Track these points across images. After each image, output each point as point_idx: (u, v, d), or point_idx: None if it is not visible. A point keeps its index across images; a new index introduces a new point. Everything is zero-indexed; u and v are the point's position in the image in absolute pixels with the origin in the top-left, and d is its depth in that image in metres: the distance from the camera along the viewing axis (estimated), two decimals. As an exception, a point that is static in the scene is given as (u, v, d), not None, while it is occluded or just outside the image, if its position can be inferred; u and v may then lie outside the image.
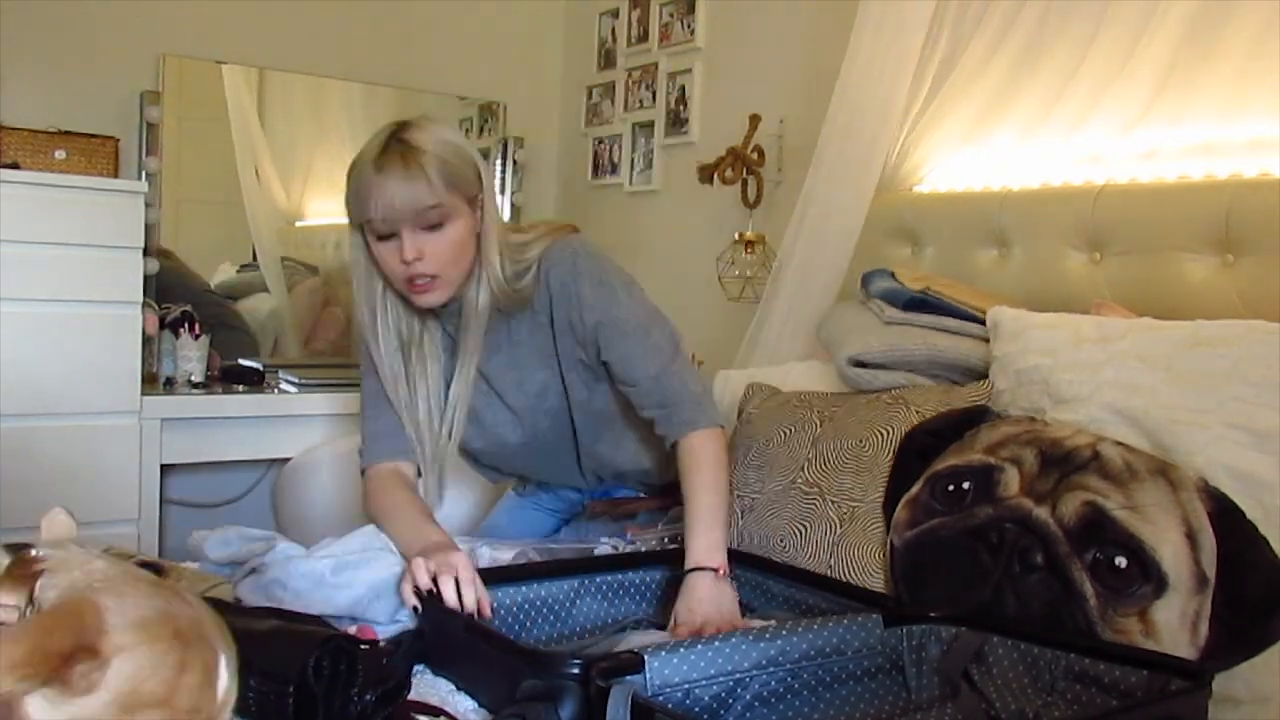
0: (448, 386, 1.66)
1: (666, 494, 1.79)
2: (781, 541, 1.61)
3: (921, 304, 1.78)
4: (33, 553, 0.81)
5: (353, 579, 1.37)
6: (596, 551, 1.58)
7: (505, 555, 1.56)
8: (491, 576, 1.41)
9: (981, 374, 1.68)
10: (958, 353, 1.71)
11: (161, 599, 0.78)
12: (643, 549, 1.61)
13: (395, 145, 1.50)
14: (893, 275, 1.86)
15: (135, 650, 0.73)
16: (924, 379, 1.73)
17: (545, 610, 1.40)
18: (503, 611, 1.37)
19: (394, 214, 1.49)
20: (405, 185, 1.47)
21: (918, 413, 1.61)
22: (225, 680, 0.79)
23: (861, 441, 1.64)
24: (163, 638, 0.75)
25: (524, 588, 1.40)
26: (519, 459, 1.78)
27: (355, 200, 1.52)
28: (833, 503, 1.61)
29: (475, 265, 1.58)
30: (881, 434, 1.62)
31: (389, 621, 1.37)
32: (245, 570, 1.40)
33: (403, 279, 1.53)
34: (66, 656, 0.71)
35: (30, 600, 0.76)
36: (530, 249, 1.62)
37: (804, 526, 1.61)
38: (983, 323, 1.73)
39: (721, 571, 1.45)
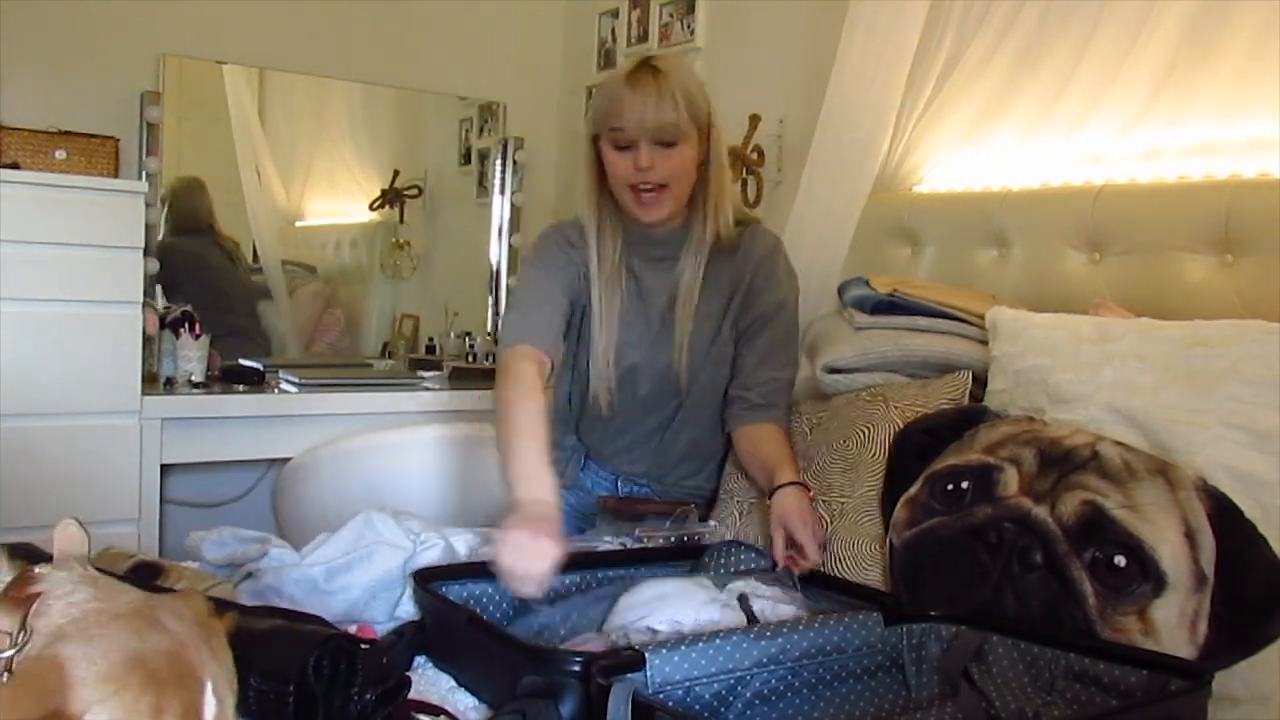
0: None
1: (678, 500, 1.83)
2: (780, 542, 1.62)
3: (889, 306, 1.81)
4: (34, 570, 0.81)
5: (347, 583, 1.37)
6: (600, 549, 1.58)
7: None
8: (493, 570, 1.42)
9: (956, 367, 1.71)
10: (929, 350, 1.74)
11: (135, 637, 0.76)
12: (647, 545, 1.61)
13: (647, 68, 1.71)
14: (866, 282, 1.89)
15: (106, 703, 0.72)
16: (902, 378, 1.75)
17: (547, 604, 1.40)
18: (505, 605, 1.38)
19: (640, 125, 1.67)
20: (655, 101, 1.67)
21: (896, 408, 1.65)
22: (212, 708, 0.77)
23: (845, 440, 1.66)
24: (133, 684, 0.73)
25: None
26: (622, 406, 1.84)
27: (604, 110, 1.72)
28: (823, 501, 1.62)
29: (702, 198, 1.76)
30: (864, 431, 1.65)
31: (388, 620, 1.37)
32: (241, 574, 1.40)
33: (630, 187, 1.71)
34: None
35: (23, 625, 0.75)
36: (746, 214, 1.85)
37: (799, 526, 1.61)
38: (954, 319, 1.76)
39: (811, 494, 1.61)
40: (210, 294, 2.94)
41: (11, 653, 0.74)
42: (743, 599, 1.27)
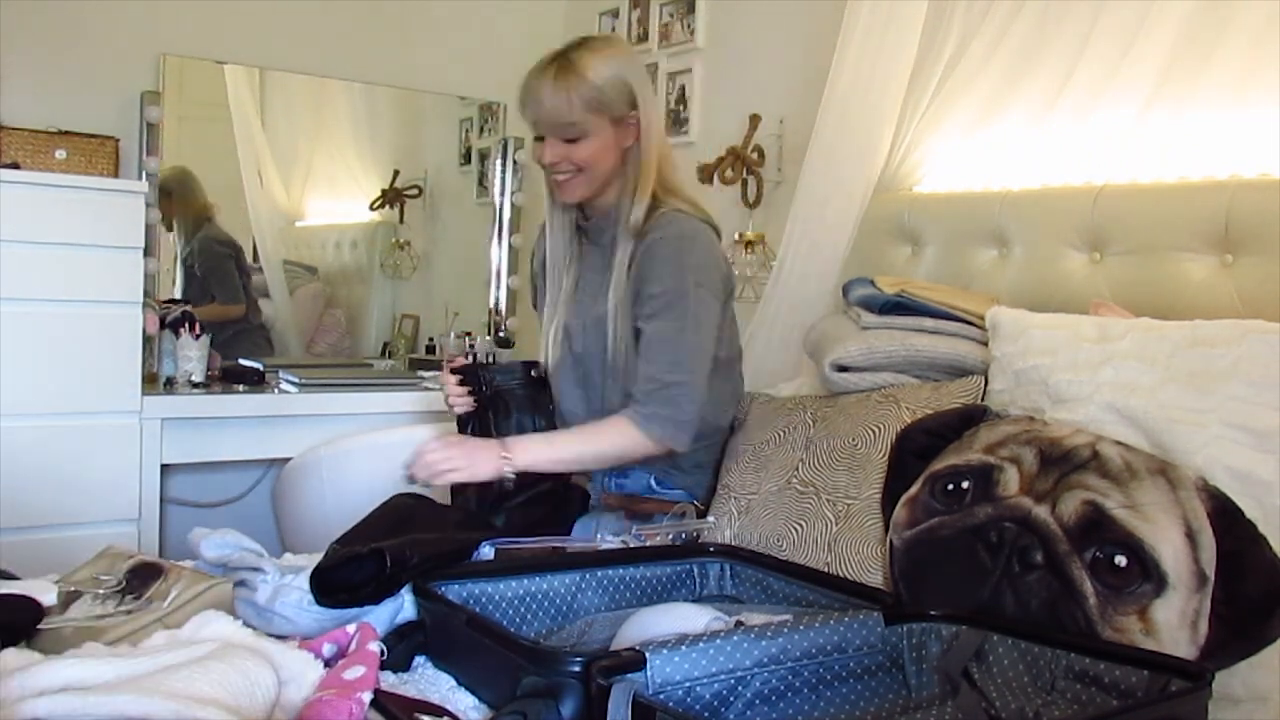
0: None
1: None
2: (779, 541, 1.62)
3: (896, 306, 1.81)
4: None
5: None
6: (600, 547, 1.58)
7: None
8: (493, 569, 1.43)
9: (962, 370, 1.71)
10: (936, 351, 1.75)
11: None
12: (647, 544, 1.62)
13: (557, 60, 1.75)
14: (871, 282, 1.89)
15: None
16: (909, 379, 1.76)
17: (546, 604, 1.41)
18: (503, 604, 1.38)
19: (538, 120, 1.77)
20: (550, 99, 1.73)
21: (909, 410, 1.64)
22: None
23: (854, 439, 1.66)
24: None
25: (525, 580, 1.40)
26: (563, 382, 1.91)
27: (520, 101, 1.80)
28: (828, 501, 1.62)
29: (627, 180, 1.79)
30: (873, 431, 1.64)
31: (390, 622, 1.37)
32: (235, 580, 1.39)
33: (548, 174, 1.81)
34: None
35: None
36: (673, 202, 1.80)
37: (801, 525, 1.62)
38: (961, 320, 1.76)
39: (501, 466, 1.68)
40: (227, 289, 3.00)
41: None
42: (739, 624, 1.27)
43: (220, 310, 2.96)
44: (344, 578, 1.32)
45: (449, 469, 1.68)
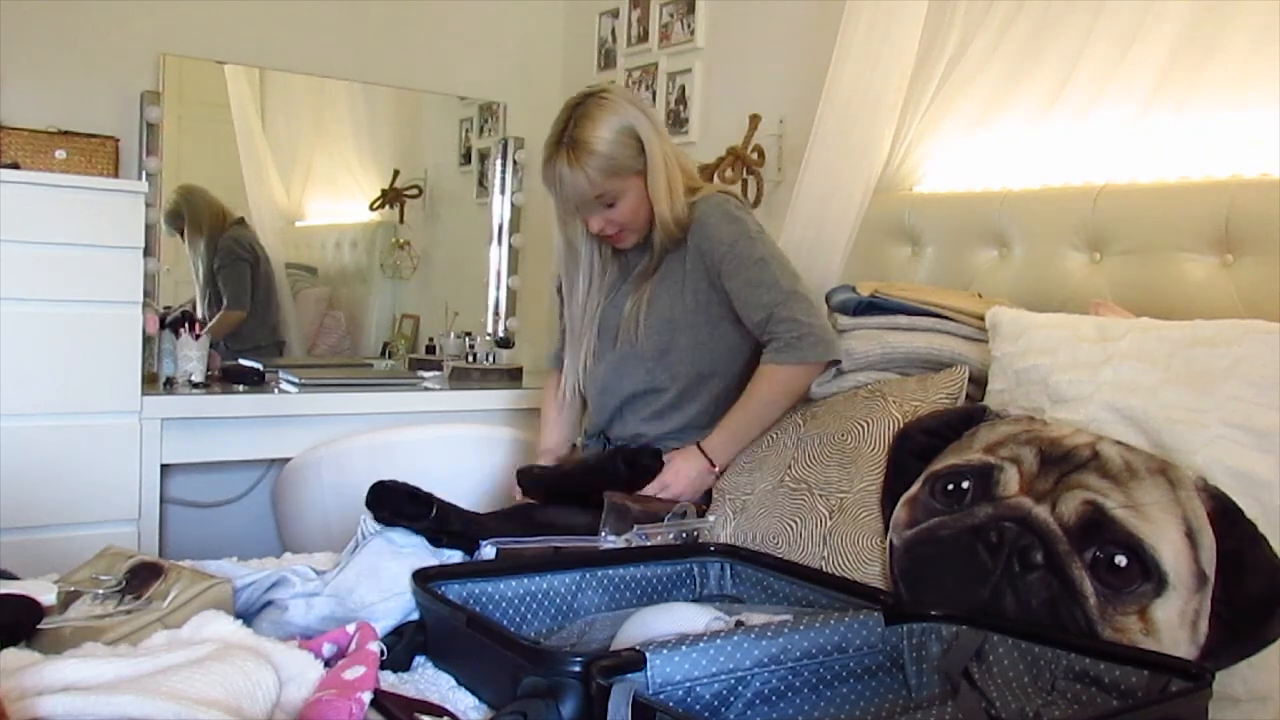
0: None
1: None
2: (775, 539, 1.63)
3: (870, 307, 1.85)
4: None
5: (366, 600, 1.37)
6: (601, 546, 1.58)
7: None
8: (493, 569, 1.43)
9: (938, 362, 1.74)
10: (911, 346, 1.78)
11: None
12: (649, 544, 1.62)
13: (563, 144, 1.82)
14: (852, 289, 1.91)
15: None
16: (890, 375, 1.79)
17: (546, 603, 1.41)
18: (504, 604, 1.38)
19: (568, 202, 1.87)
20: (572, 183, 1.82)
21: (895, 403, 1.67)
22: None
23: (843, 434, 1.68)
24: None
25: (525, 580, 1.40)
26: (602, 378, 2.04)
27: (545, 184, 1.89)
28: (821, 496, 1.62)
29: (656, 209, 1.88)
30: (862, 426, 1.67)
31: (402, 619, 1.36)
32: (260, 602, 1.39)
33: (598, 236, 1.94)
34: None
35: None
36: (696, 196, 1.92)
37: (795, 522, 1.62)
38: (934, 315, 1.79)
39: (715, 468, 1.82)
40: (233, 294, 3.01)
41: None
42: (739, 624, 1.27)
43: (225, 316, 2.96)
44: (396, 505, 1.50)
45: (670, 495, 1.80)
